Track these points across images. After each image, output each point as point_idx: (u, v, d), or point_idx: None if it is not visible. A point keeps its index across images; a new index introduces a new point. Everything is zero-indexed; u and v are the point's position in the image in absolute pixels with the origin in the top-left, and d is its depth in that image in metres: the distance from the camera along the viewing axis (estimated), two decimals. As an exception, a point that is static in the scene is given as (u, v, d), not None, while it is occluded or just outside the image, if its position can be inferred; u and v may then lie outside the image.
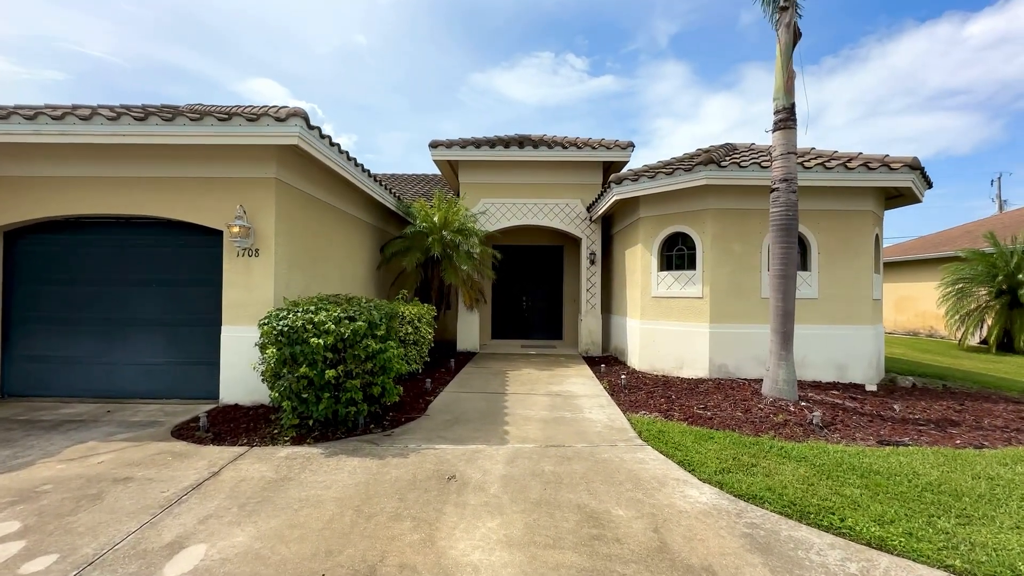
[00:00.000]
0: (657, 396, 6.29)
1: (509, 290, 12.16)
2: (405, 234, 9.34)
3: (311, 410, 4.53)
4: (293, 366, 4.46)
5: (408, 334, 7.06)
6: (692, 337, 7.52)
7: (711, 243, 7.39)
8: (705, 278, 7.44)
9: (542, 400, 6.12)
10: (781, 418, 5.15)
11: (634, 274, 8.60)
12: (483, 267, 10.19)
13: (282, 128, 5.24)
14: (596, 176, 10.56)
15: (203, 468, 3.87)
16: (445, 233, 9.06)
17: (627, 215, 9.03)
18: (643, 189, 7.72)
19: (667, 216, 7.90)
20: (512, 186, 10.58)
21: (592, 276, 10.47)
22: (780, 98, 5.65)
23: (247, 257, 5.75)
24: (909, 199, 7.98)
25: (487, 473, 3.80)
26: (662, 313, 7.93)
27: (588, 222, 10.49)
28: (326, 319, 4.48)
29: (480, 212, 10.35)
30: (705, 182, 6.97)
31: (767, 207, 7.13)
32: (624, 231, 9.36)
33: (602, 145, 10.11)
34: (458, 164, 10.61)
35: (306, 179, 6.47)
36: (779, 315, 5.65)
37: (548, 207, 10.53)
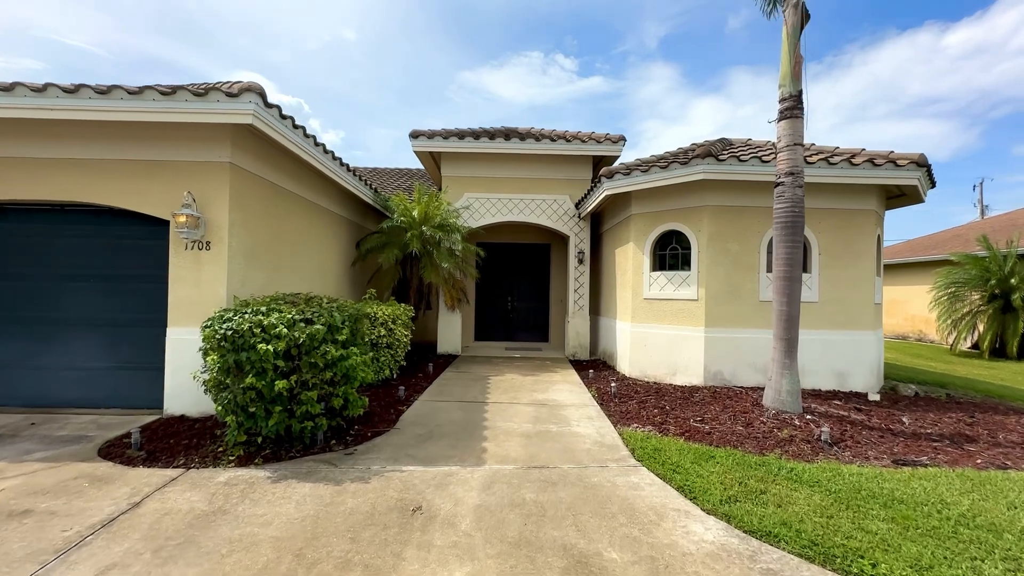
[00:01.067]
0: (650, 406, 5.82)
1: (493, 290, 11.63)
2: (382, 229, 8.75)
3: (260, 426, 3.96)
4: (239, 376, 3.87)
5: (381, 337, 6.49)
6: (686, 342, 7.08)
7: (707, 242, 6.95)
8: (700, 279, 6.99)
9: (526, 410, 5.61)
10: (786, 433, 4.70)
11: (625, 274, 8.14)
12: (466, 265, 9.64)
13: (234, 104, 4.63)
14: (586, 171, 10.08)
15: (123, 498, 3.27)
16: (425, 228, 8.49)
17: (618, 212, 8.56)
18: (636, 184, 7.25)
19: (661, 213, 7.44)
20: (497, 180, 10.05)
21: (580, 276, 9.99)
22: (787, 85, 5.21)
23: (197, 250, 5.13)
24: (911, 199, 7.64)
25: (459, 503, 3.27)
26: (654, 316, 7.48)
27: (577, 219, 10.01)
28: (278, 321, 3.90)
29: (463, 207, 9.79)
30: (702, 176, 6.52)
31: (767, 204, 6.72)
32: (614, 229, 8.89)
33: (592, 139, 9.63)
34: (440, 156, 10.04)
35: (268, 166, 5.86)
36: (783, 320, 5.22)
37: (535, 203, 10.03)
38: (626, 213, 8.03)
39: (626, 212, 8.03)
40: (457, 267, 9.42)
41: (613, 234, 9.00)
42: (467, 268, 9.71)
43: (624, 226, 8.21)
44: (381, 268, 9.11)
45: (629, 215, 7.87)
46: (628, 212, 7.91)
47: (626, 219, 8.08)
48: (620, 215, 8.43)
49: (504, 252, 11.58)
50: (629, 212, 7.86)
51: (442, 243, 9.10)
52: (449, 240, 9.13)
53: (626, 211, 8.03)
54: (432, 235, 8.51)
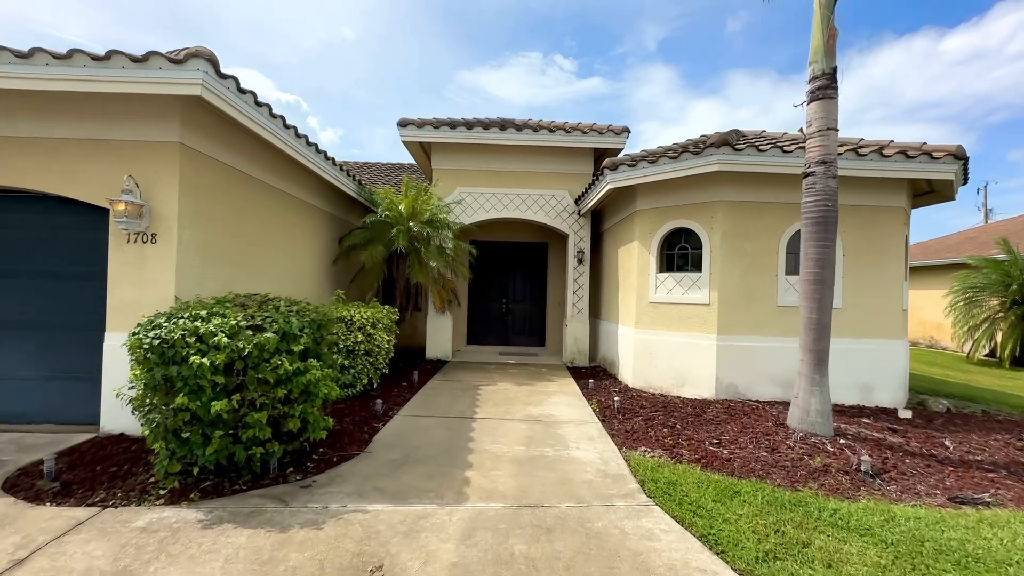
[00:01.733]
0: (658, 424, 5.17)
1: (487, 291, 10.97)
2: (365, 224, 8.08)
3: (196, 454, 3.29)
4: (169, 394, 3.20)
5: (358, 343, 5.82)
6: (696, 350, 6.44)
7: (720, 241, 6.31)
8: (712, 281, 6.35)
9: (518, 428, 4.95)
10: (819, 462, 4.06)
11: (628, 276, 7.49)
12: (457, 264, 8.98)
13: (178, 73, 3.96)
14: (586, 164, 9.44)
15: (6, 552, 2.60)
16: (412, 224, 7.83)
17: (622, 208, 7.91)
18: (642, 176, 6.60)
19: (669, 209, 6.80)
20: (492, 174, 9.39)
21: (579, 277, 9.34)
22: (818, 61, 4.58)
23: (141, 244, 4.46)
24: (940, 196, 7.02)
25: (431, 559, 2.61)
26: (661, 321, 6.83)
27: (576, 216, 9.36)
28: (217, 329, 3.23)
29: (455, 202, 9.13)
30: (717, 168, 5.88)
31: (787, 200, 6.10)
32: (618, 227, 8.25)
33: (594, 130, 8.99)
34: (431, 147, 9.37)
35: (229, 148, 5.19)
36: (812, 329, 4.58)
37: (532, 199, 9.37)
38: (630, 209, 7.39)
39: (630, 208, 7.39)
40: (447, 266, 8.75)
41: (615, 232, 8.36)
42: (458, 267, 9.05)
43: (628, 223, 7.56)
44: (365, 267, 8.44)
45: (634, 211, 7.22)
46: (633, 208, 7.26)
47: (630, 216, 7.44)
48: (623, 211, 7.79)
49: (499, 251, 10.92)
50: (634, 208, 7.21)
51: (431, 240, 8.44)
52: (439, 237, 8.47)
53: (630, 207, 7.39)
54: (420, 231, 7.85)
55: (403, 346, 9.85)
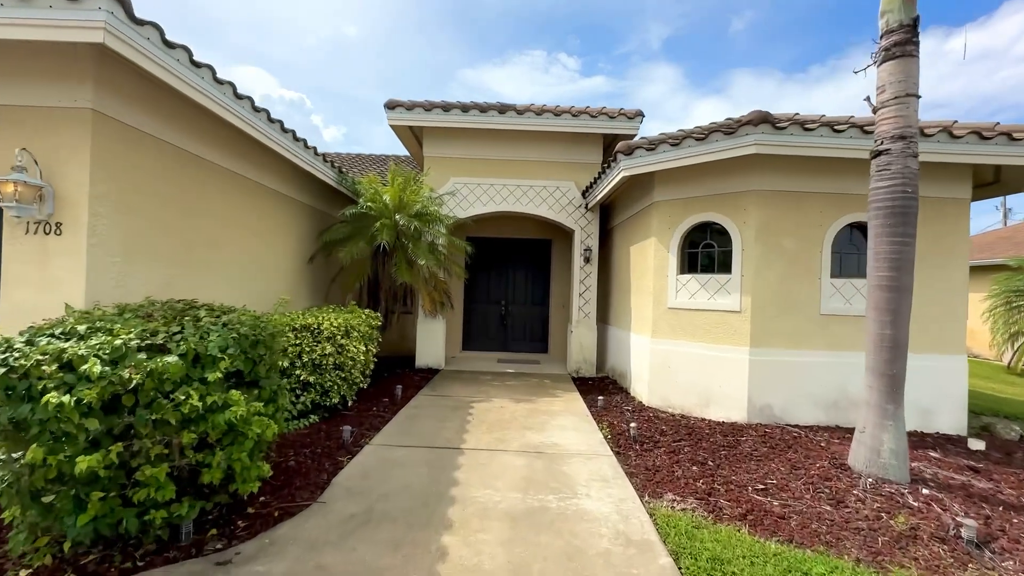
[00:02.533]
0: (685, 459, 4.25)
1: (485, 292, 10.05)
2: (345, 217, 7.18)
3: (63, 525, 2.39)
4: (17, 441, 2.31)
5: (325, 356, 4.92)
6: (724, 365, 5.51)
7: (754, 237, 5.38)
8: (744, 284, 5.42)
9: (515, 464, 4.04)
10: (903, 522, 3.13)
11: (643, 277, 6.56)
12: (451, 263, 8.08)
13: (72, 13, 3.06)
14: (595, 153, 8.50)
15: None
16: (399, 217, 6.92)
17: (636, 199, 6.98)
18: (663, 162, 5.66)
19: (693, 200, 5.87)
20: (490, 163, 8.47)
21: (586, 278, 8.42)
22: (894, 10, 3.64)
23: (43, 235, 3.57)
24: (1005, 188, 6.07)
25: None
26: (682, 330, 5.90)
27: (583, 210, 8.43)
28: (91, 352, 2.33)
29: (448, 193, 8.21)
30: (754, 150, 4.94)
31: (833, 188, 5.20)
32: (631, 221, 7.31)
33: (603, 114, 8.05)
34: (423, 132, 8.45)
35: (169, 122, 4.29)
36: (886, 348, 3.66)
37: (534, 190, 8.44)
38: (647, 201, 6.46)
39: (647, 199, 6.46)
40: (439, 264, 7.85)
41: (629, 227, 7.42)
42: (452, 266, 8.15)
43: (643, 217, 6.63)
44: (348, 265, 7.54)
45: (651, 203, 6.29)
46: (649, 199, 6.33)
47: (646, 209, 6.51)
48: (638, 204, 6.85)
49: (497, 248, 10.01)
50: (651, 199, 6.28)
51: (423, 236, 7.55)
52: (430, 232, 7.58)
53: (647, 198, 6.45)
54: (408, 226, 6.94)
55: (390, 353, 8.97)
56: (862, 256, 5.50)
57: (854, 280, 5.40)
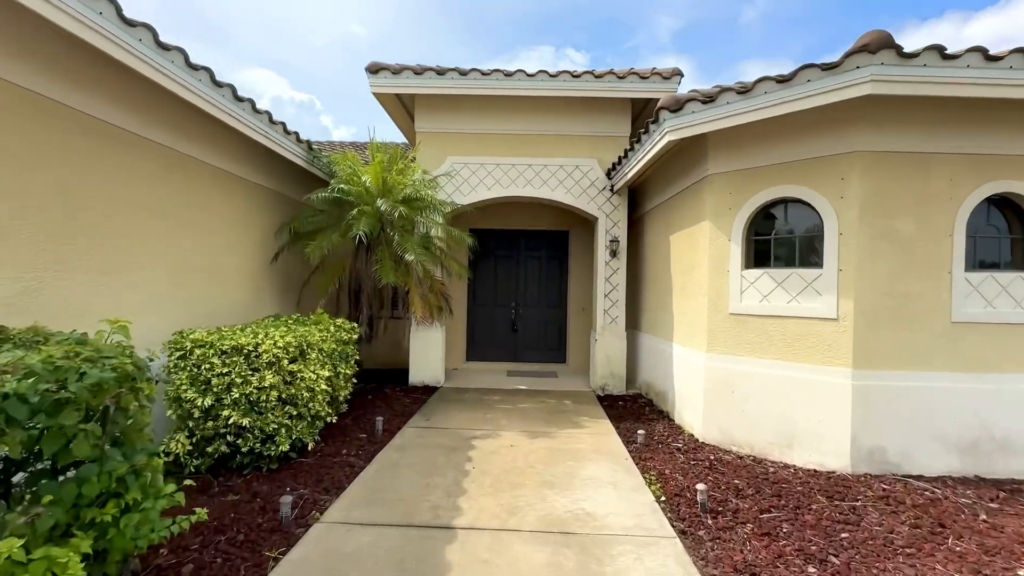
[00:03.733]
0: (789, 548, 2.80)
1: (492, 293, 8.64)
2: (313, 202, 5.83)
3: None
4: None
5: (265, 390, 3.55)
6: (814, 391, 4.05)
7: (857, 217, 3.91)
8: (843, 282, 3.96)
9: (532, 560, 2.64)
10: None
11: (692, 273, 5.11)
12: (449, 259, 6.71)
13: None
14: (621, 123, 7.04)
15: None
16: (382, 203, 5.54)
17: (680, 174, 5.51)
18: (727, 116, 4.19)
19: (764, 171, 4.40)
20: (495, 138, 7.06)
21: (613, 275, 6.97)
22: None
23: None
24: None
25: None
26: (751, 343, 4.45)
27: (609, 193, 6.98)
28: None
29: (445, 175, 6.81)
30: (870, 90, 3.45)
31: (970, 148, 3.72)
32: (672, 204, 5.85)
33: (633, 74, 6.59)
34: (415, 103, 7.06)
35: (41, 67, 2.95)
36: None
37: (549, 171, 7.01)
38: (697, 174, 4.99)
39: (697, 172, 4.99)
40: (435, 261, 6.48)
41: (668, 212, 5.96)
42: (451, 263, 6.77)
43: (692, 197, 5.17)
44: (325, 262, 6.20)
45: (703, 177, 4.83)
46: (701, 172, 4.87)
47: (696, 185, 5.05)
48: (684, 179, 5.39)
49: (505, 242, 8.60)
50: (703, 172, 4.82)
51: (419, 226, 6.21)
52: (424, 222, 6.20)
53: (697, 170, 4.99)
54: (394, 213, 5.56)
55: (380, 366, 7.64)
56: (1006, 241, 4.02)
57: (998, 274, 3.90)
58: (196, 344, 3.47)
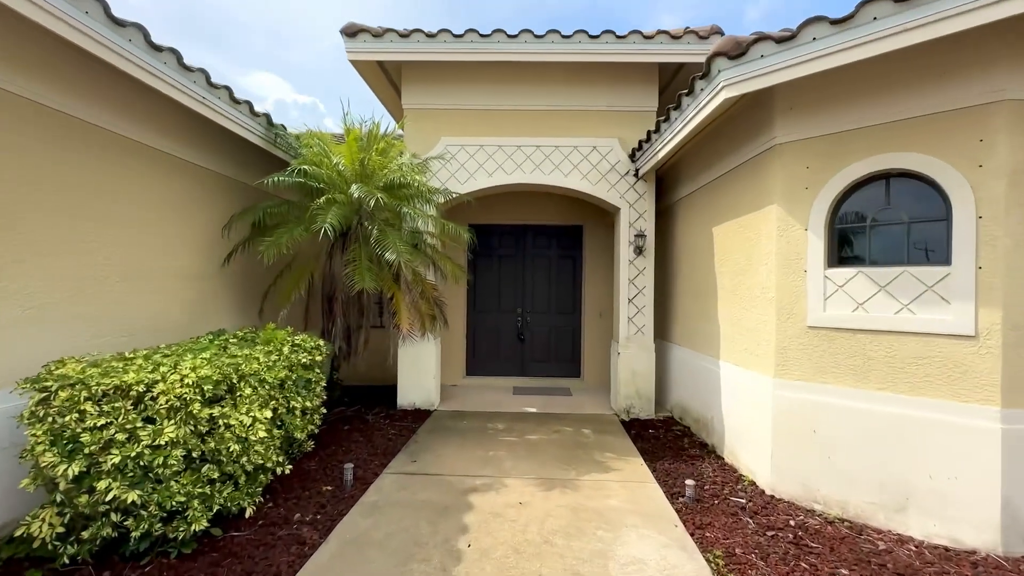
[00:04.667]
0: None
1: (495, 298, 7.53)
2: (267, 187, 4.76)
3: None
4: None
5: (168, 447, 2.46)
6: (941, 436, 2.92)
7: (1006, 194, 2.77)
8: (985, 285, 2.82)
9: None
10: None
11: (748, 272, 3.99)
12: (444, 259, 5.63)
13: None
14: (647, 94, 5.92)
15: None
16: (357, 190, 4.44)
17: (731, 148, 4.38)
18: (813, 57, 3.05)
19: (858, 135, 3.27)
20: (496, 115, 5.96)
21: (639, 276, 5.85)
22: None
23: None
24: None
25: None
26: (842, 366, 3.31)
27: (633, 179, 5.86)
28: None
29: (437, 158, 5.72)
30: (1054, -4, 2.33)
31: None
32: (716, 188, 4.73)
33: (663, 34, 5.48)
34: (401, 72, 5.97)
35: None
36: None
37: (561, 154, 5.90)
38: (756, 146, 3.86)
39: (756, 144, 3.86)
40: (426, 261, 5.40)
41: (710, 198, 4.83)
42: (446, 264, 5.68)
43: (747, 177, 4.04)
44: (293, 264, 5.14)
45: (768, 148, 3.70)
46: (766, 141, 3.73)
47: (754, 160, 3.93)
48: (735, 155, 4.25)
49: (510, 239, 7.50)
50: (768, 141, 3.69)
51: (405, 220, 5.15)
52: (412, 213, 5.12)
53: (756, 141, 3.86)
54: (367, 199, 4.47)
55: (365, 383, 6.57)
56: None
57: None
58: (62, 383, 2.39)
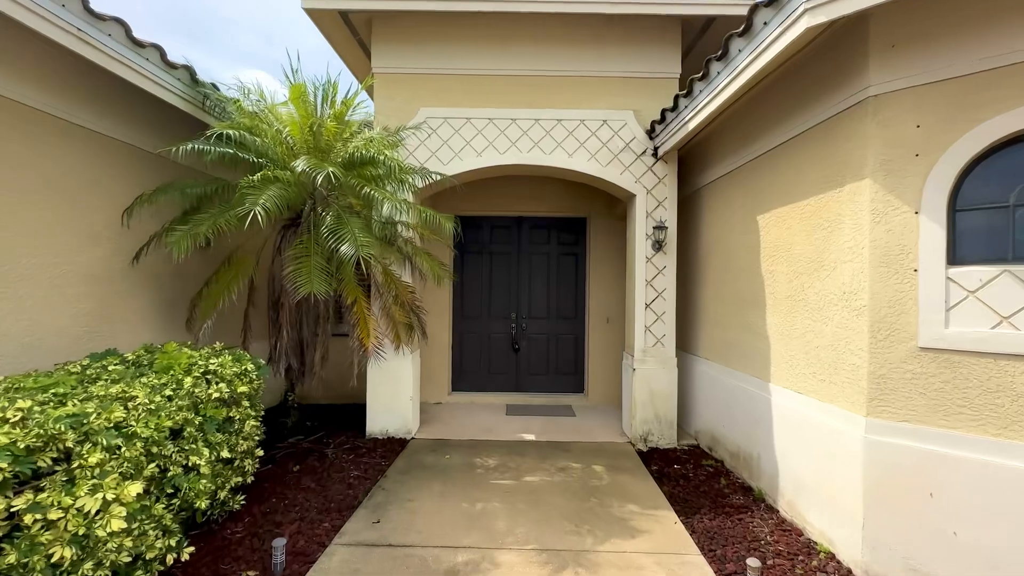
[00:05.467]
0: None
1: (486, 302, 6.50)
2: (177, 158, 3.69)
3: None
4: None
5: None
6: None
7: None
8: None
9: None
10: None
11: (819, 272, 3.01)
12: (423, 256, 4.60)
13: None
14: (668, 56, 4.92)
15: None
16: (302, 164, 3.39)
17: (793, 107, 3.39)
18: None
19: (1004, 76, 2.30)
20: (487, 81, 4.94)
21: (659, 277, 4.86)
22: None
23: None
24: None
25: None
26: (978, 406, 2.34)
27: (651, 158, 4.88)
28: None
29: (415, 128, 4.68)
30: None
31: None
32: (765, 164, 3.75)
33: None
34: (371, 28, 4.92)
35: None
36: None
37: (564, 128, 4.90)
38: (836, 102, 2.86)
39: (837, 99, 2.86)
40: (401, 259, 4.38)
41: (754, 178, 3.85)
42: (425, 261, 4.64)
43: (817, 144, 3.05)
44: (232, 260, 4.07)
45: (856, 102, 2.71)
46: (853, 95, 2.73)
47: (830, 123, 2.94)
48: (798, 117, 3.26)
49: (504, 232, 6.49)
50: (859, 93, 2.69)
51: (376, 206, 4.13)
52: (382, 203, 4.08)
53: (838, 95, 2.86)
54: (314, 174, 3.42)
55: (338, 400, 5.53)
56: None
57: None
58: None
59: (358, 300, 3.84)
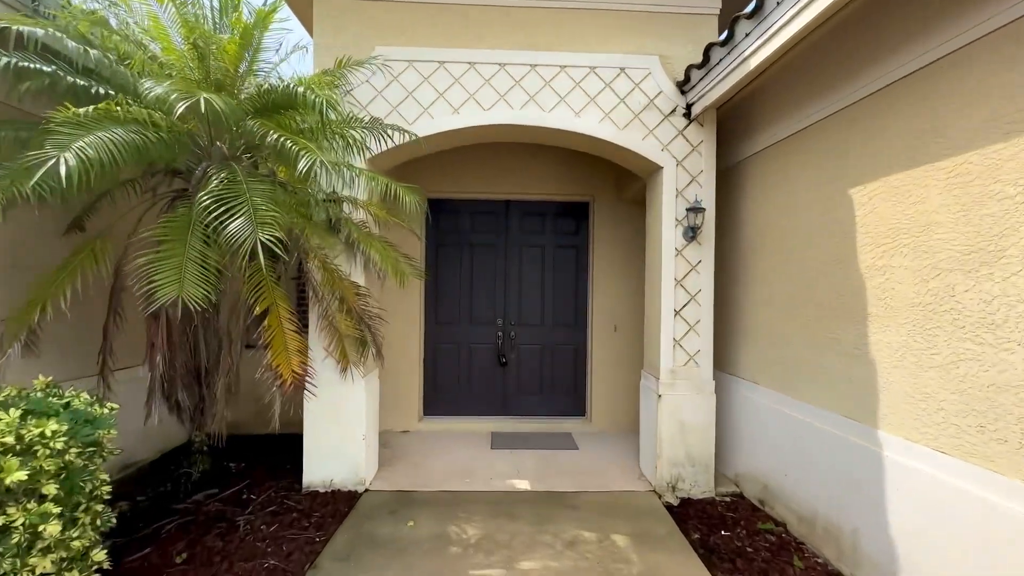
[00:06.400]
0: None
1: (466, 304, 5.26)
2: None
3: None
4: None
5: None
6: None
7: None
8: None
9: None
10: None
11: (995, 268, 1.88)
12: (378, 246, 3.35)
13: None
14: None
15: None
16: (163, 89, 2.11)
17: (915, 28, 2.25)
18: None
19: None
20: (463, 9, 3.70)
21: (691, 275, 3.70)
22: None
23: None
24: None
25: None
26: None
27: (682, 119, 3.70)
28: None
29: (366, 65, 3.42)
30: None
31: None
32: (863, 113, 2.61)
33: None
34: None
35: None
36: None
37: (569, 78, 3.69)
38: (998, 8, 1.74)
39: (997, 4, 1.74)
40: (349, 251, 3.12)
41: (840, 137, 2.70)
42: (387, 255, 3.38)
43: (993, 56, 1.92)
44: (84, 248, 2.74)
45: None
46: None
47: (985, 40, 1.80)
48: (914, 45, 2.12)
49: (488, 219, 5.26)
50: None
51: (316, 178, 2.88)
52: (317, 158, 2.77)
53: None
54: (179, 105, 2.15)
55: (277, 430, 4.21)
56: None
57: None
58: None
59: (274, 308, 2.57)
